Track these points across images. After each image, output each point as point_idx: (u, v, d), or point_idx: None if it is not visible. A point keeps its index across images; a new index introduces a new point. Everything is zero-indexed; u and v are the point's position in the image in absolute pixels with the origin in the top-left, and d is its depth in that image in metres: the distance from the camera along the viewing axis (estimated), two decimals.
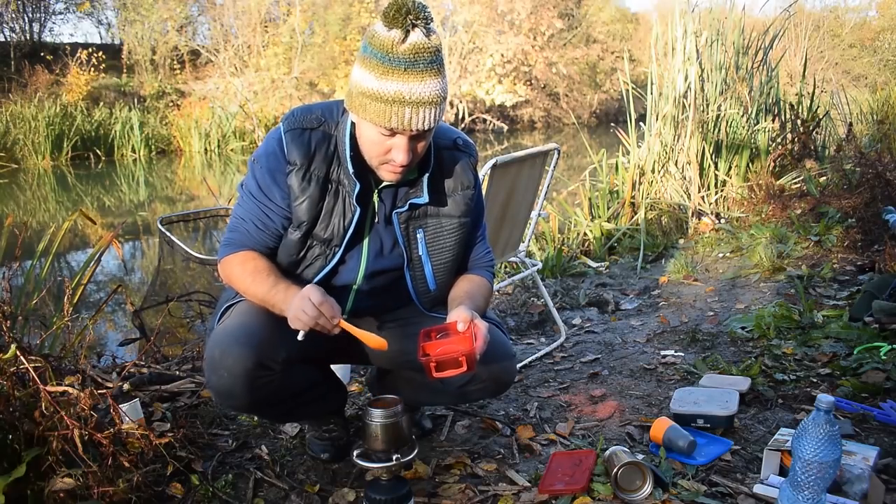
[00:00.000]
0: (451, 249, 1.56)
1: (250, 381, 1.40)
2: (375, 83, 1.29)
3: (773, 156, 5.16)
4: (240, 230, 1.51)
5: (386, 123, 1.31)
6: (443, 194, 1.54)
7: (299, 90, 15.64)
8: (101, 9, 17.25)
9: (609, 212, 4.97)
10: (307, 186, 1.44)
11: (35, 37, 16.05)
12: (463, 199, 1.55)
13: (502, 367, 1.57)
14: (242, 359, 1.38)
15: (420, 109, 1.30)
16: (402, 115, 1.30)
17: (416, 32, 1.27)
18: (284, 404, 1.57)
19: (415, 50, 1.27)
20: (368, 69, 1.31)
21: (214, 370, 1.41)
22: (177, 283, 3.21)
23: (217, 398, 1.50)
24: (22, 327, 2.03)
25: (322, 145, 1.45)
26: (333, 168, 1.46)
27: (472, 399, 1.81)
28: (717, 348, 2.51)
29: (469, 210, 1.57)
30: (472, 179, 1.57)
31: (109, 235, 2.31)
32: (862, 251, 3.46)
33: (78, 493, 1.37)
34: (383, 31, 1.29)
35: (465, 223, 1.57)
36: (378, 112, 1.30)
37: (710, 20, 5.41)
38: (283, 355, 1.44)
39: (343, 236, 1.48)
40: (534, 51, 18.37)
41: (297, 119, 1.47)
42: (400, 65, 1.27)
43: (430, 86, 1.30)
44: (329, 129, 1.47)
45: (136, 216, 8.10)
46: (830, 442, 1.26)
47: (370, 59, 1.30)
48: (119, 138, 12.66)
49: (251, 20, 15.86)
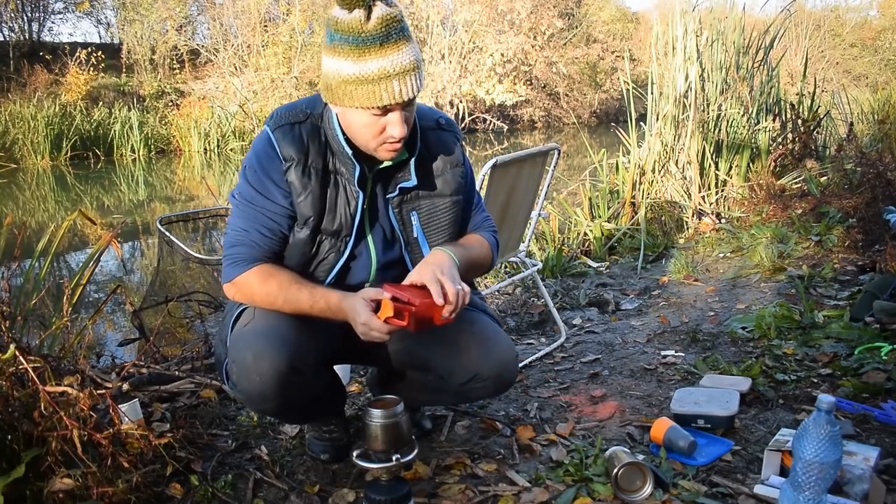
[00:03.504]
0: (446, 229, 1.55)
1: (284, 386, 1.39)
2: (355, 67, 1.28)
3: (774, 155, 5.15)
4: (245, 243, 1.46)
5: (378, 102, 1.30)
6: (432, 175, 1.52)
7: (299, 90, 15.61)
8: (101, 8, 17.27)
9: (609, 212, 4.96)
10: (308, 181, 1.43)
11: (34, 36, 16.05)
12: (453, 178, 1.54)
13: (504, 366, 1.55)
14: (276, 362, 1.37)
15: (406, 78, 1.30)
16: (391, 89, 1.29)
17: (378, 6, 1.27)
18: (308, 407, 1.57)
19: (384, 22, 1.27)
20: (342, 56, 1.29)
21: (245, 375, 1.39)
22: (176, 283, 3.21)
23: (248, 402, 1.50)
24: (21, 327, 2.02)
25: (314, 137, 1.44)
26: (329, 159, 1.45)
27: (472, 398, 1.79)
28: (718, 348, 2.51)
29: (460, 187, 1.55)
30: (459, 157, 1.56)
31: (109, 235, 2.30)
32: (863, 251, 3.46)
33: (77, 493, 1.36)
34: (345, 14, 1.28)
35: (458, 201, 1.56)
36: (366, 94, 1.29)
37: (710, 20, 5.41)
38: (313, 357, 1.44)
39: (351, 225, 1.47)
40: (534, 50, 18.35)
41: (283, 116, 1.45)
42: (374, 41, 1.26)
43: (408, 52, 1.30)
44: (316, 120, 1.45)
45: (135, 216, 8.09)
46: (831, 442, 1.25)
47: (341, 45, 1.29)
48: (118, 138, 12.64)
49: (251, 20, 15.84)
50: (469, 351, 1.52)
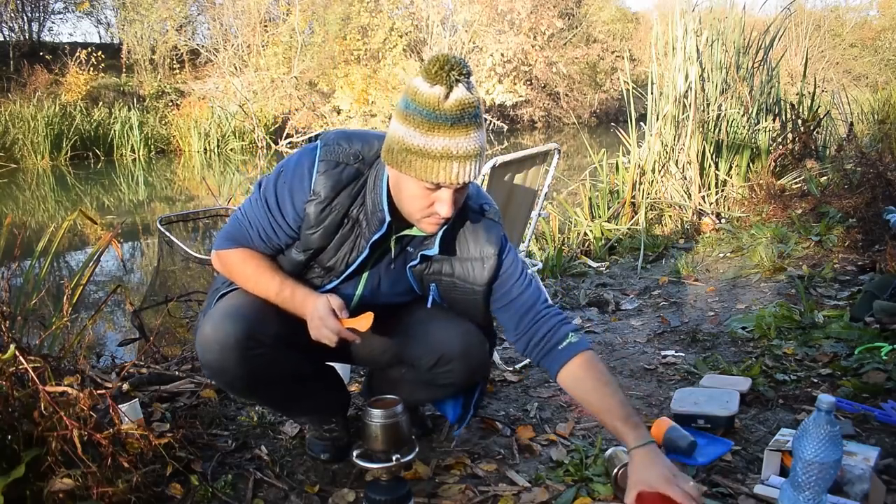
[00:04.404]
0: (461, 307, 1.57)
1: (241, 352, 1.43)
2: (421, 139, 1.29)
3: (774, 155, 5.15)
4: (243, 232, 1.52)
5: (434, 179, 1.30)
6: (456, 253, 1.53)
7: (299, 90, 15.63)
8: (101, 8, 17.29)
9: (609, 212, 4.96)
10: (324, 218, 1.45)
11: (34, 36, 16.06)
12: (480, 269, 1.53)
13: (468, 347, 1.56)
14: (233, 331, 1.42)
15: (466, 163, 1.30)
16: (449, 169, 1.29)
17: (459, 88, 1.27)
18: (283, 387, 1.59)
19: (461, 106, 1.27)
20: (413, 126, 1.29)
21: (207, 346, 1.44)
22: (176, 283, 3.21)
23: (210, 374, 1.52)
24: (21, 327, 2.03)
25: (351, 182, 1.45)
26: (356, 206, 1.46)
27: (444, 385, 1.66)
28: (718, 348, 2.51)
29: (489, 280, 1.53)
30: (495, 251, 1.53)
31: (109, 235, 2.30)
32: (863, 251, 3.46)
33: (77, 493, 1.36)
34: (426, 87, 1.28)
35: (480, 291, 1.54)
36: (425, 168, 1.30)
37: (710, 19, 5.41)
38: (274, 331, 1.47)
39: (343, 271, 1.50)
40: (534, 50, 18.35)
41: (335, 150, 1.45)
42: (446, 121, 1.27)
43: (475, 139, 1.30)
44: (364, 169, 1.46)
45: (135, 216, 8.09)
46: (831, 442, 1.25)
47: (414, 115, 1.29)
48: (118, 138, 12.65)
49: (251, 20, 15.84)
50: (432, 334, 1.56)
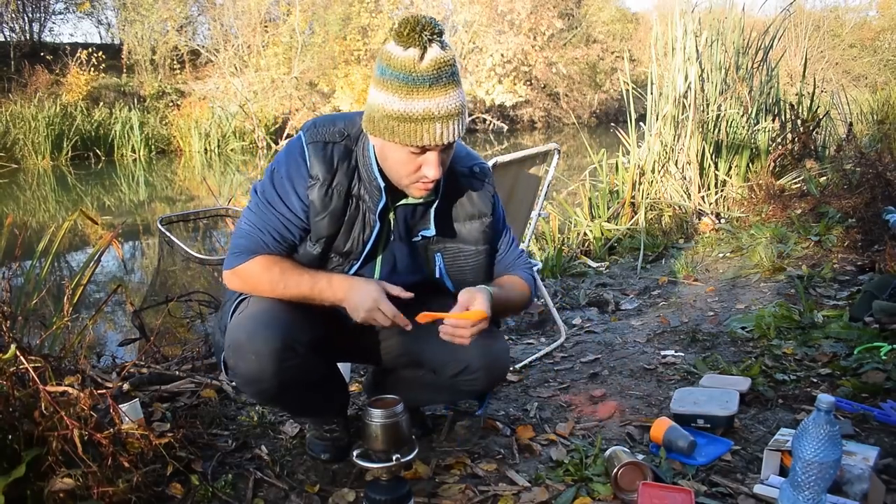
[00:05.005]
0: (469, 273, 1.57)
1: (278, 363, 1.41)
2: (401, 104, 1.29)
3: (774, 156, 5.16)
4: (254, 239, 1.49)
5: (418, 142, 1.31)
6: (454, 223, 1.54)
7: (299, 90, 15.63)
8: (101, 9, 17.28)
9: (609, 212, 4.97)
10: (329, 202, 1.45)
11: (35, 37, 16.04)
12: (479, 228, 1.55)
13: (495, 358, 1.57)
14: (270, 340, 1.40)
15: (449, 122, 1.31)
16: (433, 131, 1.30)
17: (433, 48, 1.27)
18: (305, 393, 1.58)
19: (437, 65, 1.27)
20: (391, 91, 1.30)
21: (241, 355, 1.42)
22: (176, 283, 3.22)
23: (243, 384, 1.50)
24: (22, 327, 2.03)
25: (344, 160, 1.45)
26: (354, 183, 1.47)
27: (464, 392, 1.70)
28: (718, 348, 2.51)
29: (486, 238, 1.56)
30: (489, 207, 1.56)
31: (109, 235, 2.31)
32: (862, 251, 3.46)
33: (78, 493, 1.37)
34: (400, 51, 1.28)
35: (483, 251, 1.56)
36: (408, 132, 1.30)
37: (710, 20, 5.42)
38: (307, 338, 1.46)
39: (361, 250, 1.50)
40: (534, 51, 18.36)
41: (320, 131, 1.46)
42: (424, 82, 1.27)
43: (454, 97, 1.31)
44: (350, 144, 1.46)
45: (136, 216, 8.09)
46: (831, 442, 1.26)
47: (391, 81, 1.30)
48: (119, 138, 12.65)
49: (251, 20, 15.84)
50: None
